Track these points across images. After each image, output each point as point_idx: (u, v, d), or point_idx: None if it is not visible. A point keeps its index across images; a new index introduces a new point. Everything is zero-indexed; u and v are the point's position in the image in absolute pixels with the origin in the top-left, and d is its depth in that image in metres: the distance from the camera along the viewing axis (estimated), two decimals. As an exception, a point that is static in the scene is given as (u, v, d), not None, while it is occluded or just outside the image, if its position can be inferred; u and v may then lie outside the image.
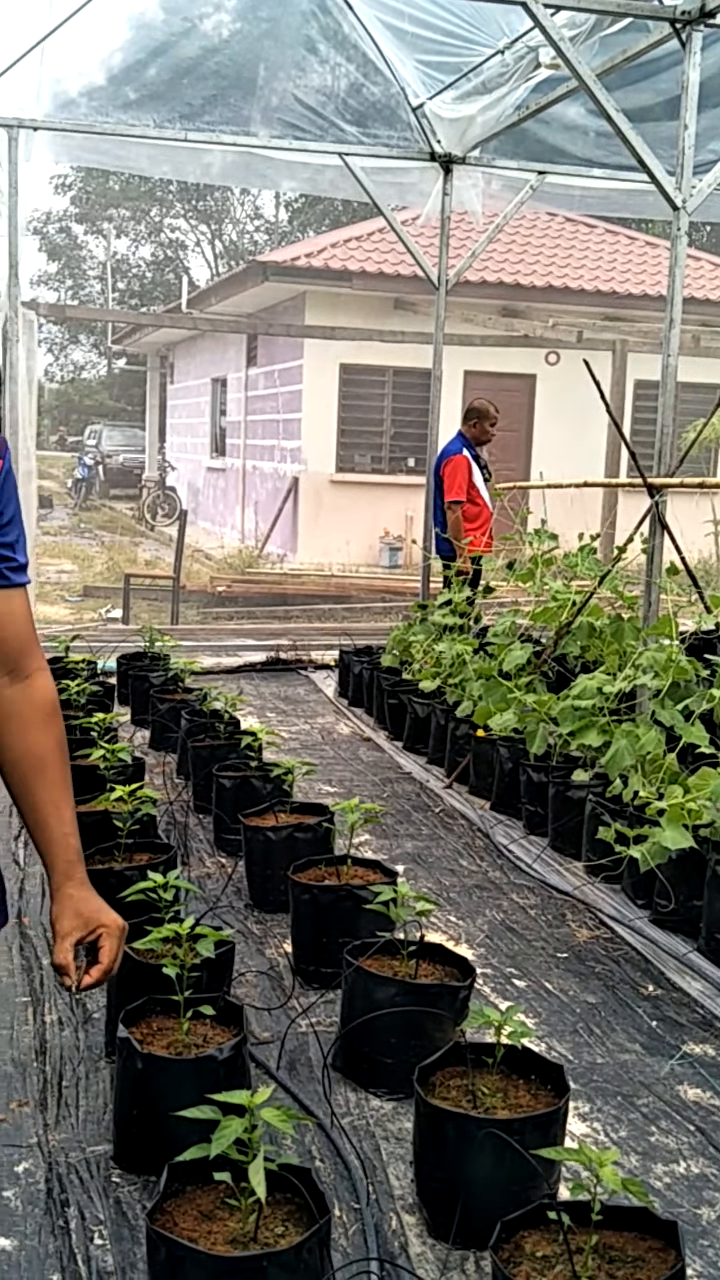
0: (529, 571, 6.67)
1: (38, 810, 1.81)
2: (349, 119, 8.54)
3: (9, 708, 1.80)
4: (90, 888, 1.86)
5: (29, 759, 1.80)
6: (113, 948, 1.82)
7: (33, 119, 8.05)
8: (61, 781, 1.83)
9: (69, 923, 1.81)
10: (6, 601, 1.77)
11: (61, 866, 1.83)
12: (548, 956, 4.02)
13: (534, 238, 19.01)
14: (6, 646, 1.78)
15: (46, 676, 1.84)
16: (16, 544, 1.77)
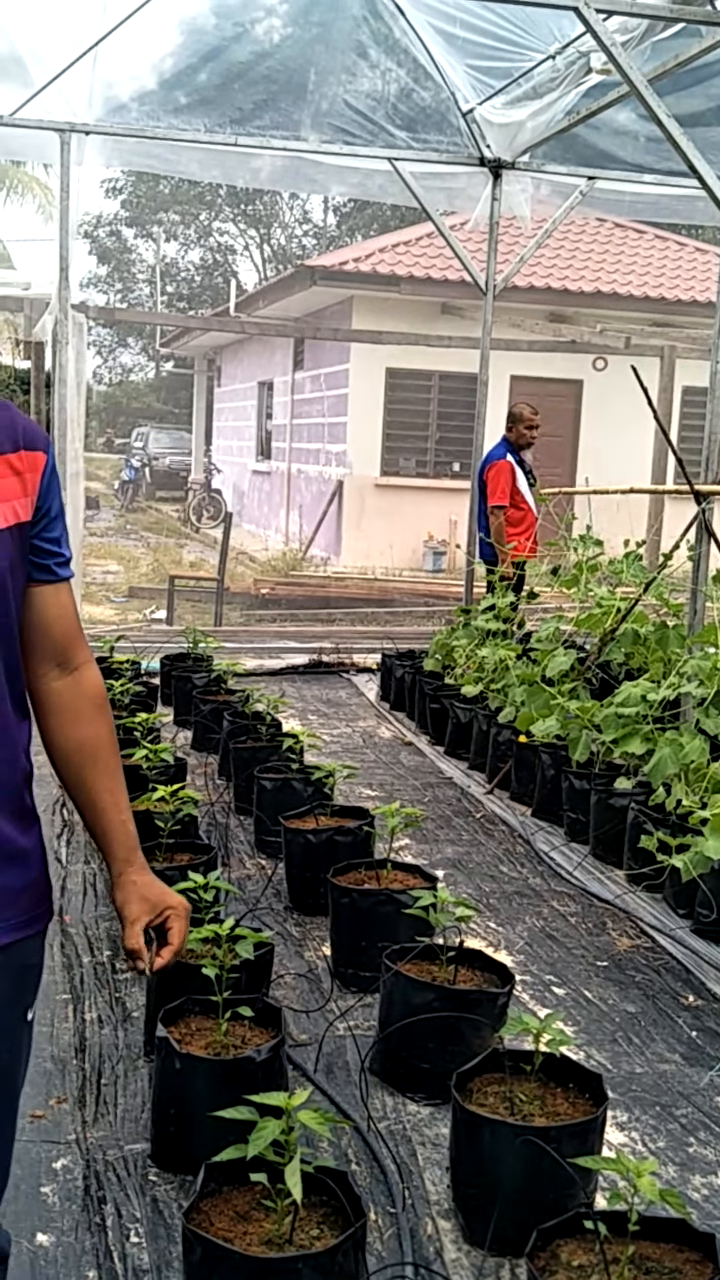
0: (574, 577, 6.65)
1: (94, 800, 1.84)
2: (399, 124, 8.54)
3: (59, 700, 1.82)
4: (150, 872, 1.88)
5: (82, 750, 1.82)
6: (181, 928, 1.86)
7: (85, 123, 8.12)
8: (115, 770, 1.85)
9: (137, 908, 1.84)
10: (55, 595, 1.79)
11: (121, 854, 1.85)
12: (587, 964, 4.00)
13: (583, 243, 18.93)
14: (55, 640, 1.80)
15: (94, 669, 1.86)
16: (62, 539, 1.80)
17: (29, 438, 1.72)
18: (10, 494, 1.68)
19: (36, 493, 1.72)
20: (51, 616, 1.78)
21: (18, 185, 19.19)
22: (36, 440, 1.74)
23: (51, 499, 1.75)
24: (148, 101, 8.28)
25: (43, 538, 1.75)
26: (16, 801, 1.71)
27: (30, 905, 1.74)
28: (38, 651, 1.79)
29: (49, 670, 1.81)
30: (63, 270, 8.43)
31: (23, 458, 1.70)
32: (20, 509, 1.69)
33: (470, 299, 14.91)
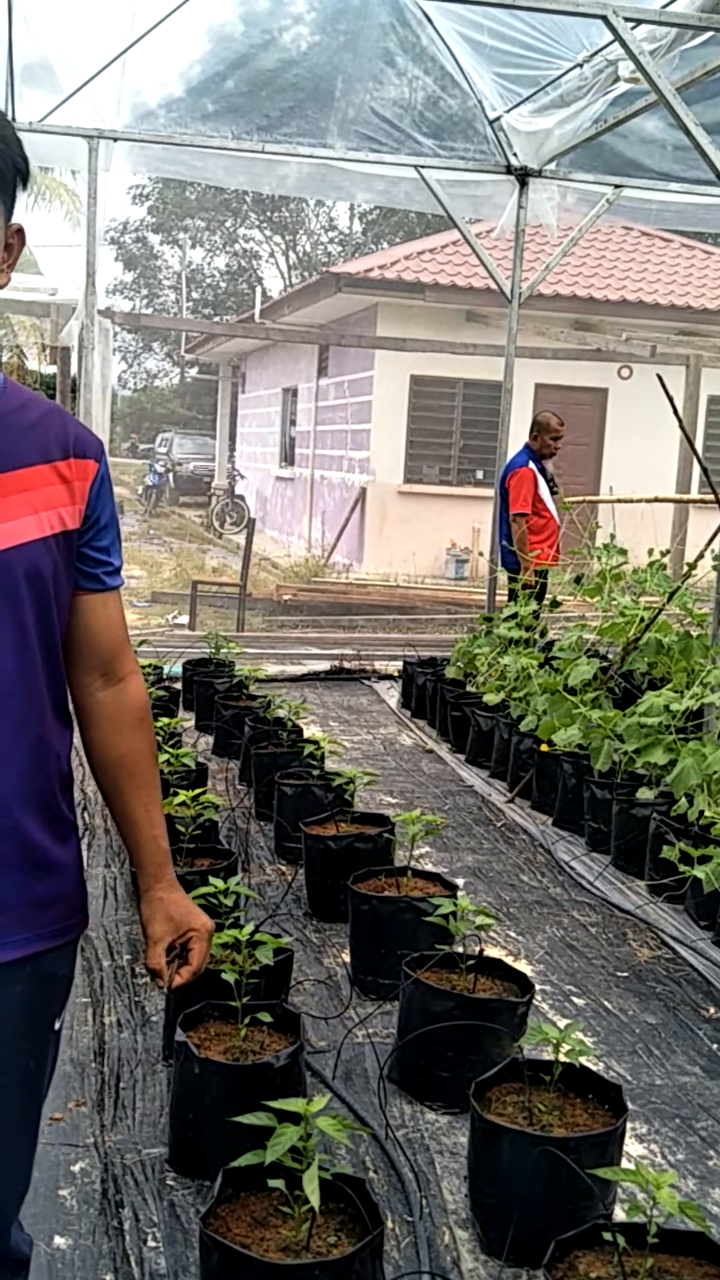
0: (597, 586, 6.63)
1: (129, 813, 1.83)
2: (425, 131, 8.56)
3: (102, 710, 1.81)
4: (179, 888, 1.88)
5: (122, 763, 1.82)
6: (202, 950, 1.85)
7: (113, 130, 8.16)
8: (152, 785, 1.85)
9: (161, 927, 1.83)
10: (102, 604, 1.78)
11: (151, 869, 1.85)
12: (608, 975, 3.98)
13: (609, 251, 18.90)
14: (101, 650, 1.79)
15: (139, 680, 1.85)
16: (112, 548, 1.78)
17: (80, 445, 1.71)
18: (57, 501, 1.67)
19: (85, 501, 1.71)
20: (98, 626, 1.78)
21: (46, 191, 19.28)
22: (88, 448, 1.72)
23: (102, 508, 1.74)
24: (175, 108, 8.32)
25: (92, 546, 1.74)
26: (51, 810, 1.70)
27: (62, 916, 1.73)
28: (83, 660, 1.79)
29: (93, 680, 1.80)
30: (89, 276, 8.47)
31: (72, 465, 1.69)
32: (67, 517, 1.68)
33: (495, 307, 14.89)
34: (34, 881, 1.68)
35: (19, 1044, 1.71)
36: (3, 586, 1.61)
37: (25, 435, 1.67)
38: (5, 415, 1.66)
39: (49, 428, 1.69)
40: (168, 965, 1.83)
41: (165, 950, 1.83)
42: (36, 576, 1.64)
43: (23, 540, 1.63)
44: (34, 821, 1.67)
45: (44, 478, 1.66)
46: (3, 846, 1.63)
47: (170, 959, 1.84)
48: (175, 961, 1.84)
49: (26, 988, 1.69)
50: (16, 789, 1.64)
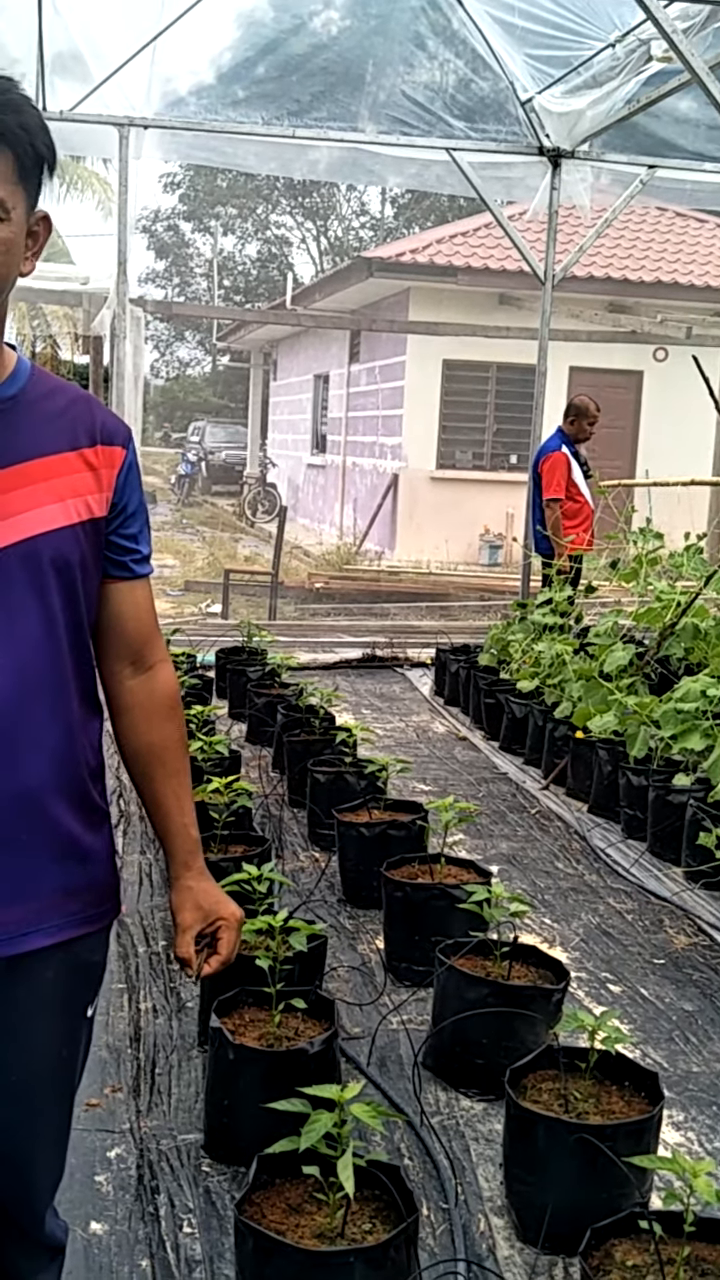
0: (633, 571, 6.58)
1: (159, 801, 1.83)
2: (457, 114, 8.51)
3: (132, 699, 1.81)
4: (209, 877, 1.87)
5: (151, 751, 1.82)
6: (231, 939, 1.84)
7: (143, 117, 8.16)
8: (182, 772, 1.85)
9: (190, 915, 1.83)
10: (130, 593, 1.78)
11: (181, 857, 1.85)
12: (644, 962, 3.96)
13: (643, 232, 18.74)
14: (130, 638, 1.79)
15: (168, 668, 1.85)
16: (140, 535, 1.78)
17: (107, 433, 1.71)
18: (84, 489, 1.67)
19: (113, 488, 1.71)
20: (127, 614, 1.78)
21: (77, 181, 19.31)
22: (115, 436, 1.72)
23: (129, 495, 1.74)
24: (205, 95, 8.31)
25: (120, 534, 1.74)
26: (82, 798, 1.70)
27: (94, 902, 1.73)
28: (112, 649, 1.79)
29: (123, 668, 1.80)
30: (121, 265, 8.48)
31: (99, 453, 1.69)
32: (94, 504, 1.68)
33: (529, 289, 14.80)
34: (66, 869, 1.68)
35: (52, 1030, 1.72)
36: (30, 574, 1.61)
37: (53, 422, 1.67)
38: (33, 402, 1.66)
39: (76, 415, 1.69)
40: (196, 954, 1.83)
41: (194, 939, 1.83)
42: (64, 564, 1.64)
43: (49, 528, 1.62)
44: (66, 809, 1.67)
45: (71, 465, 1.66)
46: (35, 834, 1.63)
47: (199, 947, 1.83)
48: (204, 950, 1.84)
49: (59, 974, 1.69)
50: (48, 777, 1.64)
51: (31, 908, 1.64)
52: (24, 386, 1.66)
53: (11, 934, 1.62)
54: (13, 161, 1.54)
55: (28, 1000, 1.67)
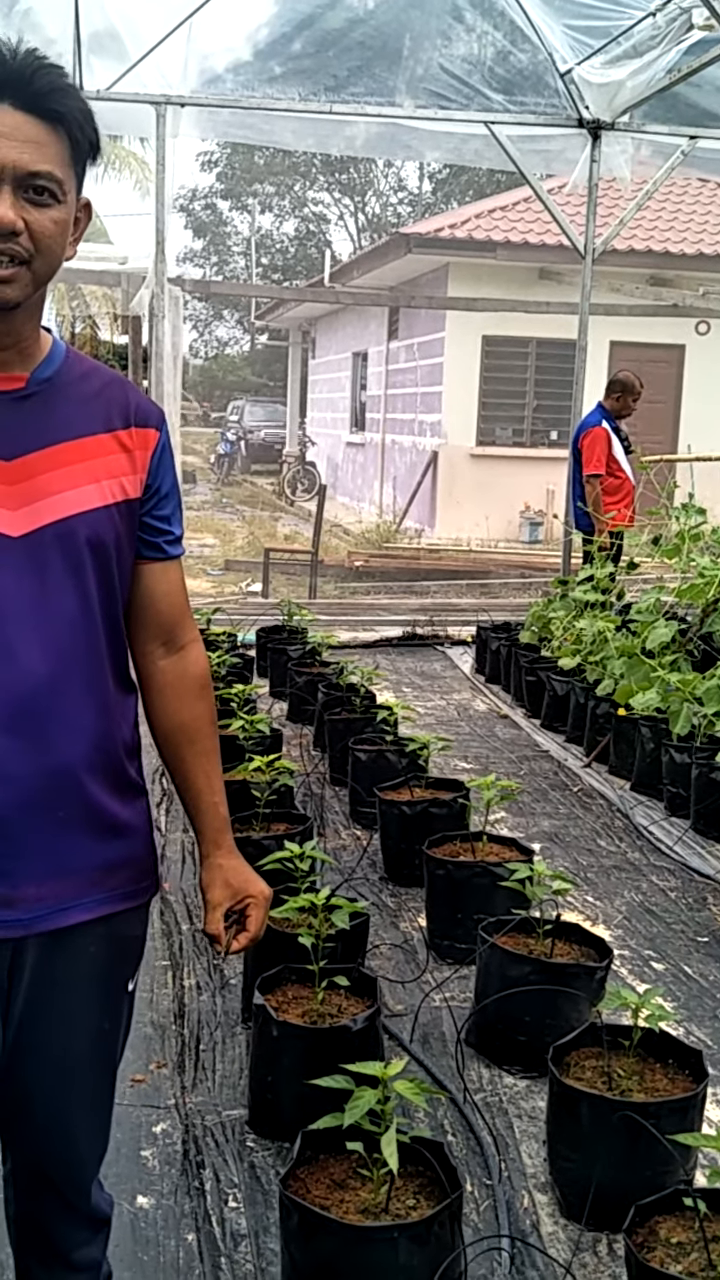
0: (675, 547, 6.52)
1: (189, 779, 1.85)
2: (495, 87, 8.42)
3: (163, 679, 1.83)
4: (238, 855, 1.88)
5: (182, 730, 1.83)
6: (259, 917, 1.86)
7: (180, 95, 8.13)
8: (212, 752, 1.86)
9: (219, 893, 1.84)
10: (163, 573, 1.80)
11: (210, 835, 1.86)
12: (687, 940, 3.94)
13: (684, 204, 18.50)
14: (162, 618, 1.81)
15: (200, 648, 1.86)
16: (173, 517, 1.79)
17: (141, 414, 1.72)
18: (118, 470, 1.68)
19: (146, 470, 1.72)
20: (159, 594, 1.79)
21: (114, 161, 19.30)
22: (149, 417, 1.74)
23: (162, 476, 1.75)
24: (242, 72, 8.27)
25: (153, 515, 1.75)
26: (118, 775, 1.71)
27: (132, 878, 1.75)
28: (144, 629, 1.80)
29: (155, 648, 1.82)
30: (159, 244, 8.47)
31: (133, 435, 1.71)
32: (128, 485, 1.69)
33: (569, 263, 14.66)
34: (103, 845, 1.70)
35: (93, 1004, 1.74)
36: (66, 553, 1.62)
37: (88, 404, 1.68)
38: (68, 384, 1.68)
39: (111, 397, 1.71)
40: (225, 930, 1.84)
41: (223, 916, 1.84)
42: (99, 544, 1.65)
43: (86, 508, 1.64)
44: (101, 786, 1.68)
45: (106, 446, 1.68)
46: (71, 810, 1.65)
47: (228, 924, 1.85)
48: (233, 927, 1.85)
49: (99, 949, 1.71)
50: (83, 754, 1.65)
51: (70, 883, 1.66)
52: (59, 369, 1.68)
53: (51, 908, 1.64)
54: (69, 145, 1.57)
55: (68, 974, 1.69)
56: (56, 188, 1.56)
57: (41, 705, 1.60)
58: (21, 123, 1.52)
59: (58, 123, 1.55)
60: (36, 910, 1.63)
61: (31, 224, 1.54)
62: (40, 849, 1.63)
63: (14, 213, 1.52)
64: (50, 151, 1.55)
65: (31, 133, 1.53)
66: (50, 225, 1.56)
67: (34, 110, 1.53)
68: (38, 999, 1.67)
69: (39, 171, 1.53)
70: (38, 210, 1.55)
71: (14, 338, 1.61)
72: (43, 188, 1.55)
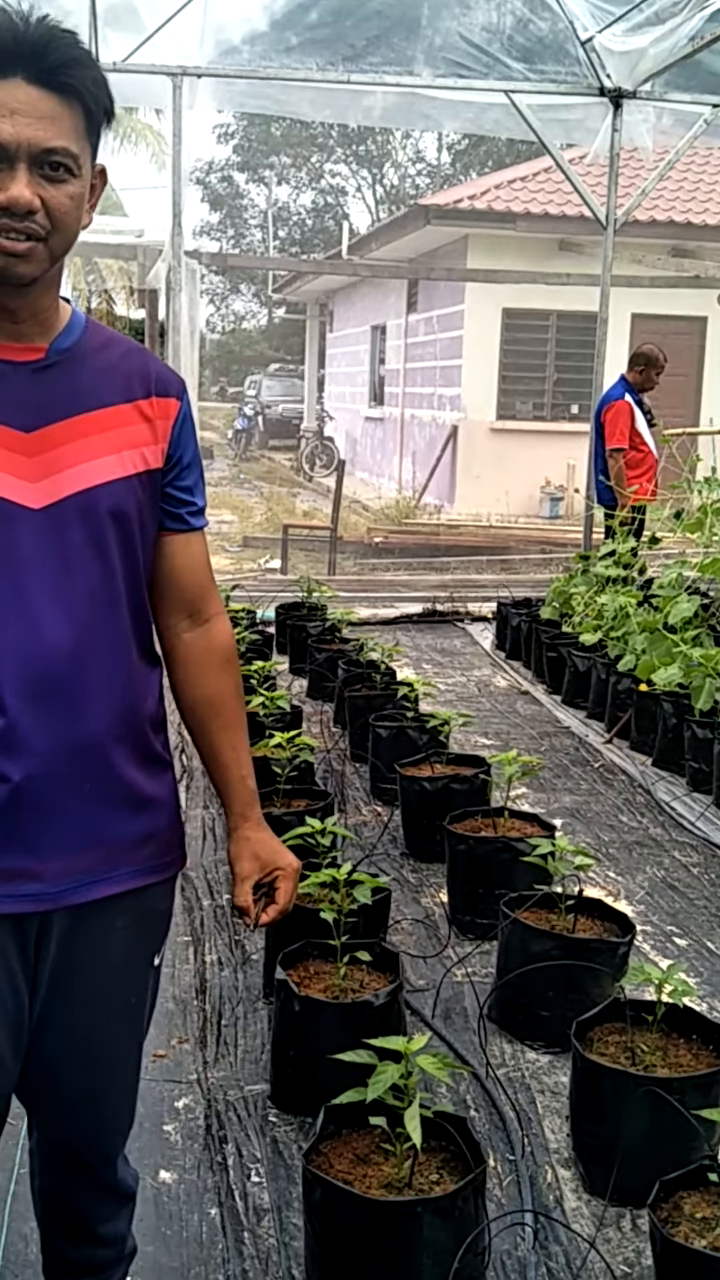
0: (698, 521, 6.47)
1: (216, 752, 1.84)
2: (515, 55, 8.32)
3: (188, 652, 1.81)
4: (266, 828, 1.88)
5: (207, 703, 1.82)
6: (288, 889, 1.86)
7: (196, 66, 8.07)
8: (238, 724, 1.85)
9: (248, 865, 1.84)
10: (186, 545, 1.78)
11: (238, 808, 1.85)
12: (710, 915, 3.93)
13: (707, 173, 18.30)
14: (186, 591, 1.79)
15: (224, 621, 1.85)
16: (195, 487, 1.78)
17: (161, 384, 1.70)
18: (139, 440, 1.66)
19: (168, 440, 1.70)
20: (183, 566, 1.78)
21: (130, 133, 19.20)
22: (170, 387, 1.72)
23: (184, 446, 1.73)
24: (259, 43, 8.20)
25: (175, 486, 1.73)
26: (143, 748, 1.70)
27: (159, 852, 1.74)
28: (168, 601, 1.79)
29: (179, 621, 1.80)
30: (175, 216, 8.42)
31: (154, 404, 1.69)
32: (150, 456, 1.68)
33: (590, 234, 14.52)
34: (130, 818, 1.69)
35: (120, 977, 1.74)
36: (88, 525, 1.61)
37: (108, 374, 1.66)
38: (87, 355, 1.66)
39: (130, 366, 1.69)
40: (255, 903, 1.84)
41: (252, 888, 1.84)
42: (121, 516, 1.64)
43: (107, 479, 1.62)
44: (127, 759, 1.68)
45: (126, 417, 1.66)
46: (98, 784, 1.64)
47: (257, 897, 1.84)
48: (262, 899, 1.85)
49: (127, 922, 1.71)
50: (109, 727, 1.64)
51: (98, 856, 1.66)
52: (79, 339, 1.66)
53: (78, 882, 1.64)
54: (83, 117, 1.55)
55: (95, 948, 1.68)
56: (72, 162, 1.54)
57: (65, 678, 1.59)
58: (35, 98, 1.49)
59: (72, 95, 1.52)
60: (63, 884, 1.62)
61: (48, 201, 1.52)
62: (67, 822, 1.62)
63: (30, 191, 1.50)
64: (65, 126, 1.52)
65: (46, 108, 1.50)
66: (66, 201, 1.54)
67: (48, 84, 1.50)
68: (64, 973, 1.67)
69: (54, 148, 1.51)
70: (54, 187, 1.53)
71: (32, 310, 1.60)
72: (58, 164, 1.52)
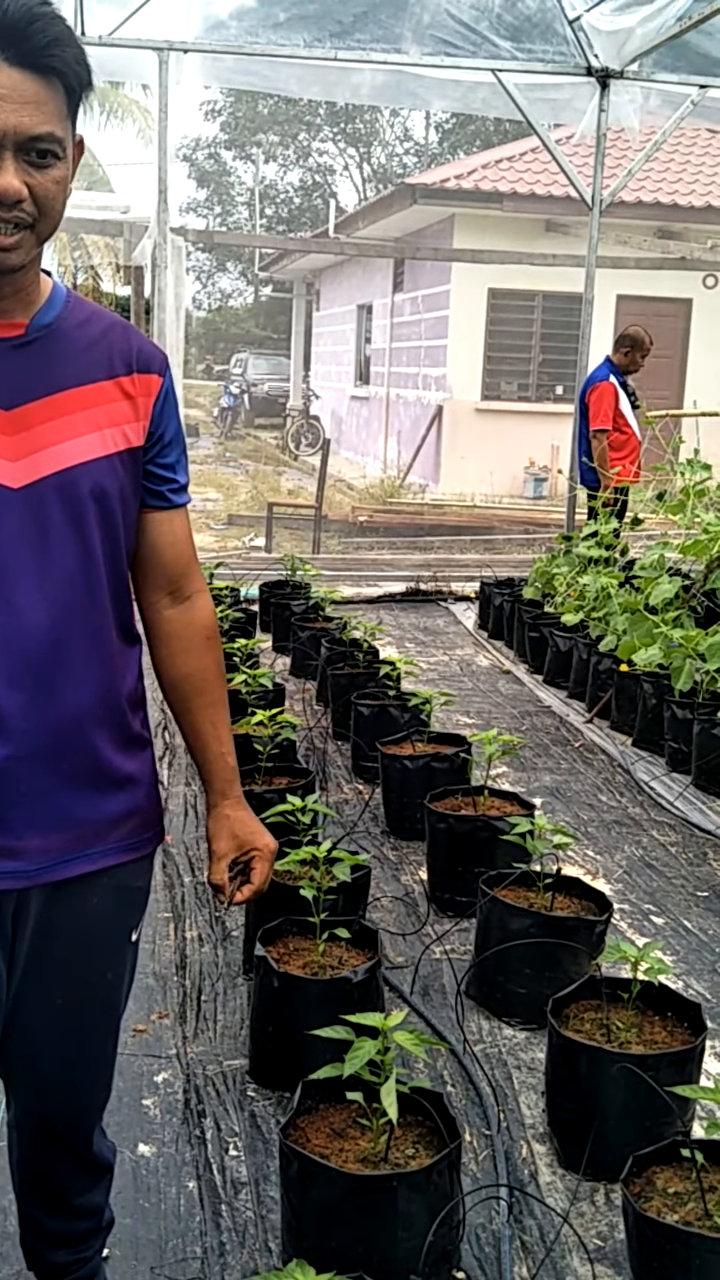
0: (680, 503, 6.49)
1: (197, 730, 1.85)
2: (503, 34, 8.29)
3: (170, 628, 1.81)
4: (246, 806, 1.88)
5: (189, 680, 1.83)
6: (264, 870, 1.86)
7: (183, 41, 8.02)
8: (220, 702, 1.86)
9: (225, 844, 1.84)
10: (169, 522, 1.77)
11: (218, 786, 1.86)
12: (687, 895, 3.96)
13: (693, 155, 18.26)
14: (168, 568, 1.79)
15: (206, 598, 1.85)
16: (177, 465, 1.77)
17: (143, 360, 1.69)
18: (121, 418, 1.65)
19: (149, 417, 1.69)
20: (165, 544, 1.77)
21: (116, 108, 19.06)
22: (151, 363, 1.70)
23: (166, 423, 1.72)
24: (246, 18, 8.15)
25: (157, 463, 1.73)
26: (122, 727, 1.71)
27: (137, 830, 1.75)
28: (150, 579, 1.79)
29: (160, 598, 1.80)
30: (161, 193, 8.38)
31: (135, 381, 1.67)
32: (131, 434, 1.67)
33: (576, 215, 14.50)
34: (108, 797, 1.70)
35: (98, 953, 1.75)
36: (68, 505, 1.60)
37: (89, 350, 1.65)
38: (69, 330, 1.64)
39: (113, 342, 1.67)
40: (230, 882, 1.84)
41: (228, 867, 1.84)
42: (102, 495, 1.63)
43: (88, 458, 1.61)
44: (106, 739, 1.68)
45: (107, 394, 1.65)
46: (76, 763, 1.65)
47: (233, 875, 1.85)
48: (238, 878, 1.85)
49: (104, 899, 1.72)
50: (88, 707, 1.65)
51: (75, 834, 1.66)
52: (60, 314, 1.64)
53: (56, 860, 1.65)
54: (64, 97, 1.52)
55: (73, 925, 1.69)
56: (57, 146, 1.51)
57: (44, 658, 1.59)
58: (19, 81, 1.46)
59: (55, 76, 1.49)
60: (41, 861, 1.63)
61: (34, 188, 1.50)
62: (45, 801, 1.63)
63: (18, 180, 1.48)
64: (49, 109, 1.49)
65: (30, 91, 1.47)
66: (53, 186, 1.53)
67: (31, 66, 1.46)
68: (42, 949, 1.68)
69: (41, 134, 1.49)
70: (40, 173, 1.51)
71: (15, 287, 1.58)
72: (45, 150, 1.50)
